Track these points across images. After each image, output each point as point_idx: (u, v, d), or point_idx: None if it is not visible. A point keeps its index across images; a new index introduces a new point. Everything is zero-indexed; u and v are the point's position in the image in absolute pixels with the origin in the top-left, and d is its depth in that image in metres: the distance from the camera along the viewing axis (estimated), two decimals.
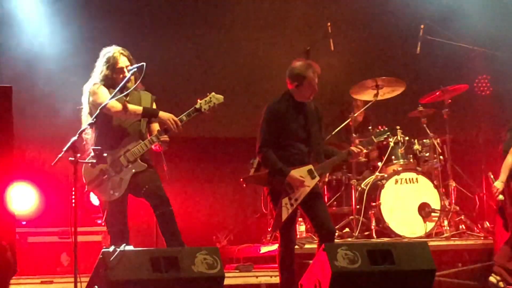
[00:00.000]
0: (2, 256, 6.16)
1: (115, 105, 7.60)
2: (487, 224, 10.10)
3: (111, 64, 7.76)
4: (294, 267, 7.81)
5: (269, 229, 8.37)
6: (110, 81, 7.72)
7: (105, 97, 7.60)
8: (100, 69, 7.83)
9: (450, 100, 10.35)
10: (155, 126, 7.89)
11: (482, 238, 9.87)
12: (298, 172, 7.63)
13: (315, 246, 8.06)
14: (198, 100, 7.75)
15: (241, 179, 8.14)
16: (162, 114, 7.72)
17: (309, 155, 7.76)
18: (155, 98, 7.94)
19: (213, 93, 7.77)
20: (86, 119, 7.69)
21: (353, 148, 8.00)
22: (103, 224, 8.20)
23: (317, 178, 7.69)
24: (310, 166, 7.69)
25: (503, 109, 11.19)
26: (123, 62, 7.76)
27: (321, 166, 7.77)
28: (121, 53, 7.80)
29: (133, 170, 7.71)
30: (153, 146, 7.79)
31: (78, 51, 8.90)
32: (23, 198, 9.64)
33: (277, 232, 7.82)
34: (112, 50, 7.82)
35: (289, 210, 7.60)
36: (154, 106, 7.92)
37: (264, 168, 7.77)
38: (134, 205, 8.00)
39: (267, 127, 7.69)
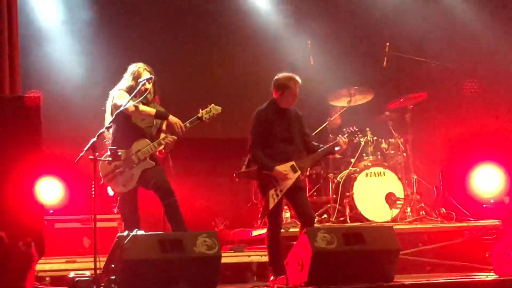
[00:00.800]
0: (27, 250, 6.11)
1: (133, 106, 7.62)
2: (443, 210, 10.13)
3: (135, 76, 7.81)
4: (280, 248, 7.83)
5: (259, 216, 8.34)
6: (133, 90, 7.70)
7: (126, 100, 7.61)
8: (126, 79, 7.89)
9: (411, 106, 10.40)
10: (162, 134, 7.92)
11: (439, 222, 9.87)
12: (282, 168, 7.67)
13: (298, 230, 8.10)
14: (200, 110, 7.81)
15: (234, 174, 8.15)
16: (171, 117, 7.78)
17: (291, 153, 7.78)
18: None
19: (212, 105, 7.85)
20: (108, 120, 7.71)
21: (339, 139, 8.07)
22: (117, 212, 8.22)
23: (299, 172, 7.74)
24: (293, 162, 7.73)
25: (456, 114, 11.22)
26: (145, 75, 7.77)
27: (302, 162, 7.81)
28: (145, 68, 7.86)
29: (143, 167, 7.73)
30: (158, 150, 7.81)
31: (100, 67, 8.84)
32: (50, 191, 9.63)
33: (266, 218, 7.86)
34: (138, 65, 7.89)
35: (275, 199, 7.67)
36: (165, 124, 7.96)
37: (254, 164, 7.79)
38: (145, 196, 8.00)
39: (256, 130, 7.74)
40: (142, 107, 7.69)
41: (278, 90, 7.81)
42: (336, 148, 8.12)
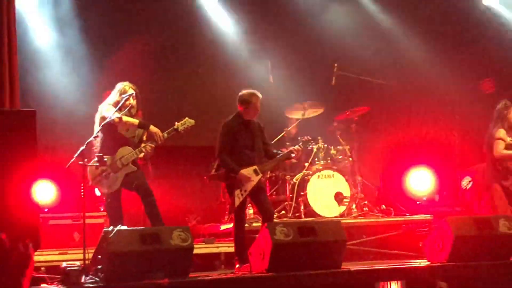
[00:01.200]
0: (26, 251, 6.10)
1: (118, 118, 7.65)
2: (383, 206, 10.18)
3: (121, 92, 7.84)
4: (245, 240, 7.85)
5: (226, 213, 8.37)
6: (119, 104, 7.74)
7: (112, 112, 7.65)
8: (113, 95, 7.90)
9: (356, 118, 10.44)
10: (143, 143, 7.90)
11: (379, 216, 9.93)
12: (246, 171, 7.73)
13: (260, 224, 8.12)
14: (176, 123, 7.84)
15: (205, 177, 8.21)
16: (152, 127, 7.80)
17: (254, 159, 7.85)
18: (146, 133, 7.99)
19: (187, 118, 7.89)
20: (96, 130, 7.72)
21: (293, 148, 8.13)
22: (103, 210, 8.18)
23: (261, 175, 7.81)
24: (255, 166, 7.80)
25: (394, 124, 11.29)
26: (130, 92, 7.81)
27: (263, 166, 7.89)
28: (130, 86, 7.89)
29: (126, 171, 7.73)
30: (140, 156, 7.78)
31: (89, 84, 8.78)
32: (45, 192, 9.53)
33: (232, 215, 7.93)
34: (124, 83, 7.92)
35: (240, 198, 7.73)
36: (145, 134, 7.97)
37: (222, 168, 7.85)
38: (128, 197, 7.96)
39: (223, 138, 7.79)
40: (126, 118, 7.71)
41: (242, 105, 7.86)
42: (292, 155, 8.18)
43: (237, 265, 7.80)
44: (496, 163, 8.97)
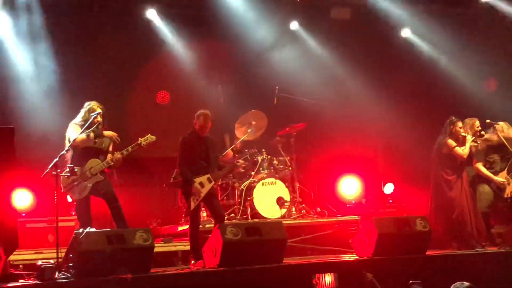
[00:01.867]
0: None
1: (78, 138, 7.55)
2: (318, 209, 10.19)
3: (90, 110, 7.75)
4: (199, 239, 7.84)
5: (183, 216, 8.32)
6: (86, 122, 7.68)
7: (75, 134, 7.56)
8: (81, 113, 7.80)
9: (295, 133, 10.45)
10: (109, 155, 7.81)
11: (315, 218, 9.94)
12: (201, 179, 7.80)
13: (212, 225, 8.08)
14: (140, 138, 7.77)
15: (165, 185, 8.19)
16: (107, 132, 7.75)
17: (207, 169, 7.90)
18: (113, 140, 7.91)
19: (149, 134, 7.88)
20: (67, 145, 7.64)
21: (237, 161, 8.61)
22: (74, 214, 8.05)
23: (213, 183, 7.91)
24: (208, 175, 7.87)
25: (327, 139, 11.35)
26: (97, 110, 7.74)
27: (215, 175, 7.96)
28: (98, 105, 7.81)
29: (95, 180, 7.64)
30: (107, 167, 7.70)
31: (61, 103, 8.61)
32: (23, 199, 9.34)
33: (188, 217, 7.93)
34: (91, 103, 7.83)
35: (195, 203, 7.72)
36: (111, 146, 7.86)
37: (180, 177, 7.88)
38: (96, 203, 7.85)
39: (182, 151, 7.87)
40: (79, 138, 7.56)
41: (195, 124, 7.98)
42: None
43: (192, 261, 7.77)
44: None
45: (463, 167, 8.84)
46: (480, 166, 8.98)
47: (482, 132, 9.04)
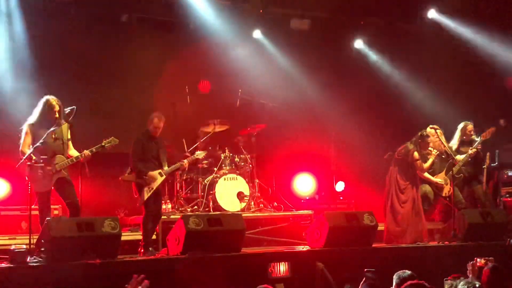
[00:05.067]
0: None
1: (26, 152, 7.22)
2: (275, 203, 10.20)
3: (48, 106, 7.37)
4: (152, 230, 7.98)
5: (138, 204, 8.21)
6: (43, 117, 7.36)
7: (26, 138, 7.31)
8: (38, 109, 7.44)
9: (256, 133, 10.48)
10: (70, 144, 7.54)
11: (272, 211, 9.97)
12: (153, 173, 7.95)
13: (177, 217, 8.08)
14: (103, 140, 7.62)
15: (120, 178, 8.21)
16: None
17: (158, 165, 8.05)
18: (70, 126, 7.55)
19: (113, 137, 7.69)
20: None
21: (184, 160, 8.54)
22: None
23: (164, 177, 8.07)
24: (160, 170, 8.03)
25: (285, 139, 11.40)
26: (56, 105, 7.40)
27: (165, 170, 8.10)
28: (55, 100, 7.43)
29: (58, 176, 7.35)
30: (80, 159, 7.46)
31: (39, 96, 8.36)
32: None
33: (142, 207, 7.98)
34: (49, 97, 7.45)
35: (148, 194, 7.86)
36: (69, 133, 7.54)
37: (132, 172, 8.01)
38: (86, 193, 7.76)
39: (134, 148, 8.03)
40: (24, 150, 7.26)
41: (149, 124, 8.10)
42: (183, 164, 8.50)
43: (142, 251, 7.69)
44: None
45: (416, 175, 8.94)
46: None
47: (474, 136, 9.21)
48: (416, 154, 8.82)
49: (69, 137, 7.52)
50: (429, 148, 8.91)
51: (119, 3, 10.42)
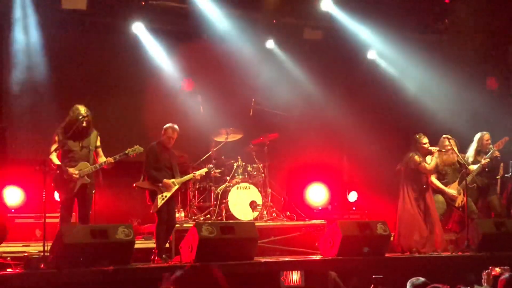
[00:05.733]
0: None
1: (53, 159, 7.38)
2: (288, 213, 10.17)
3: (76, 114, 7.56)
4: (164, 238, 7.96)
5: (151, 212, 8.23)
6: (72, 125, 7.52)
7: (53, 145, 7.45)
8: (68, 117, 7.64)
9: (268, 142, 10.45)
10: (100, 151, 7.71)
11: (285, 221, 9.93)
12: (168, 181, 7.92)
13: (190, 225, 8.08)
14: (128, 148, 7.75)
15: (134, 185, 8.24)
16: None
17: (171, 174, 8.05)
18: (99, 134, 7.78)
19: (137, 146, 7.85)
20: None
21: (196, 172, 8.51)
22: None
23: (177, 186, 8.06)
24: (174, 179, 8.00)
25: (297, 149, 11.40)
26: (84, 114, 7.57)
27: (179, 180, 8.09)
28: (83, 108, 7.65)
29: (82, 182, 7.47)
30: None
31: (50, 105, 8.47)
32: (13, 196, 9.21)
33: (155, 215, 7.94)
34: (79, 107, 7.65)
35: (162, 201, 7.81)
36: (99, 140, 7.70)
37: (148, 180, 7.98)
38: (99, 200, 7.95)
39: (148, 158, 8.02)
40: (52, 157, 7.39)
41: (163, 135, 8.11)
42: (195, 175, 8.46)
43: (155, 258, 7.72)
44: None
45: (428, 184, 8.88)
46: (433, 178, 9.09)
47: (490, 146, 9.15)
48: (416, 158, 8.77)
49: (98, 144, 7.67)
50: (430, 148, 8.84)
51: (134, 12, 10.50)
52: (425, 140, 8.89)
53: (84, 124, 7.53)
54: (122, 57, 10.49)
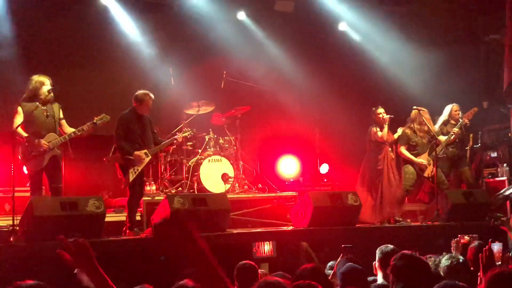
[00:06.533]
0: None
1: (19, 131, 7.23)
2: (259, 185, 10.22)
3: (39, 83, 7.41)
4: (136, 210, 7.87)
5: (122, 186, 8.15)
6: (34, 95, 7.37)
7: (18, 117, 7.25)
8: (28, 87, 7.44)
9: (240, 115, 10.44)
10: (64, 123, 7.58)
11: (257, 193, 9.98)
12: (139, 153, 7.72)
13: (161, 198, 8.02)
14: (95, 117, 7.56)
15: (104, 159, 8.10)
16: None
17: (144, 144, 7.84)
18: (61, 106, 7.61)
19: (104, 114, 7.68)
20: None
21: (175, 137, 8.37)
22: (28, 185, 7.74)
23: (150, 157, 7.85)
24: (145, 150, 7.80)
25: (269, 121, 11.41)
26: (46, 82, 7.43)
27: (152, 150, 7.90)
28: (45, 77, 7.47)
29: (52, 154, 7.36)
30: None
31: (22, 76, 8.28)
32: None
33: (127, 189, 7.81)
34: (40, 76, 7.48)
35: (134, 175, 7.66)
36: (61, 112, 7.57)
37: (119, 152, 7.78)
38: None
39: (120, 128, 7.77)
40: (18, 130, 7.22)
41: (136, 102, 7.88)
42: (174, 141, 8.41)
43: (127, 231, 7.66)
44: None
45: (388, 154, 9.02)
46: (402, 149, 9.20)
47: (459, 117, 9.25)
48: (374, 129, 8.94)
49: (61, 116, 7.52)
50: (384, 116, 8.95)
51: None
52: (379, 110, 9.03)
53: (46, 91, 7.34)
54: (90, 28, 10.31)
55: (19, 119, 7.25)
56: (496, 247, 5.39)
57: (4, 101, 9.15)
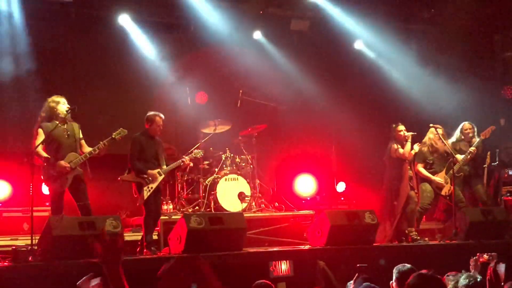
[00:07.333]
0: None
1: (40, 152, 7.26)
2: (276, 204, 10.18)
3: (55, 103, 7.51)
4: (152, 229, 7.89)
5: (137, 204, 8.20)
6: (52, 116, 7.47)
7: (39, 138, 7.32)
8: (45, 108, 7.54)
9: (256, 133, 10.45)
10: (83, 143, 7.65)
11: (273, 212, 9.94)
12: (153, 172, 7.84)
13: (178, 217, 8.05)
14: (113, 133, 7.63)
15: (119, 178, 8.15)
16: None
17: (157, 164, 7.96)
18: (80, 126, 7.69)
19: (121, 128, 7.72)
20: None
21: (183, 158, 8.40)
22: (48, 205, 7.80)
23: (163, 176, 7.96)
24: (158, 169, 7.91)
25: (285, 140, 11.42)
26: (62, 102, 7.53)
27: (164, 170, 7.98)
28: (60, 97, 7.58)
29: (75, 173, 7.41)
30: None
31: (40, 97, 8.41)
32: (0, 189, 9.22)
33: (142, 207, 7.88)
34: (54, 96, 7.58)
35: (149, 193, 7.74)
36: (81, 132, 7.64)
37: (132, 172, 7.89)
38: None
39: (134, 148, 7.91)
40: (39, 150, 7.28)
41: (148, 123, 8.01)
42: (181, 163, 8.36)
43: (143, 250, 7.69)
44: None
45: (406, 172, 8.93)
46: (420, 167, 9.15)
47: (476, 135, 9.21)
48: (394, 146, 8.85)
49: (81, 136, 7.61)
50: (405, 134, 8.88)
51: (119, 4, 10.44)
52: (400, 127, 8.96)
53: (63, 112, 7.42)
54: (108, 48, 10.45)
55: (39, 139, 7.32)
56: (503, 267, 5.34)
57: (24, 122, 9.26)
